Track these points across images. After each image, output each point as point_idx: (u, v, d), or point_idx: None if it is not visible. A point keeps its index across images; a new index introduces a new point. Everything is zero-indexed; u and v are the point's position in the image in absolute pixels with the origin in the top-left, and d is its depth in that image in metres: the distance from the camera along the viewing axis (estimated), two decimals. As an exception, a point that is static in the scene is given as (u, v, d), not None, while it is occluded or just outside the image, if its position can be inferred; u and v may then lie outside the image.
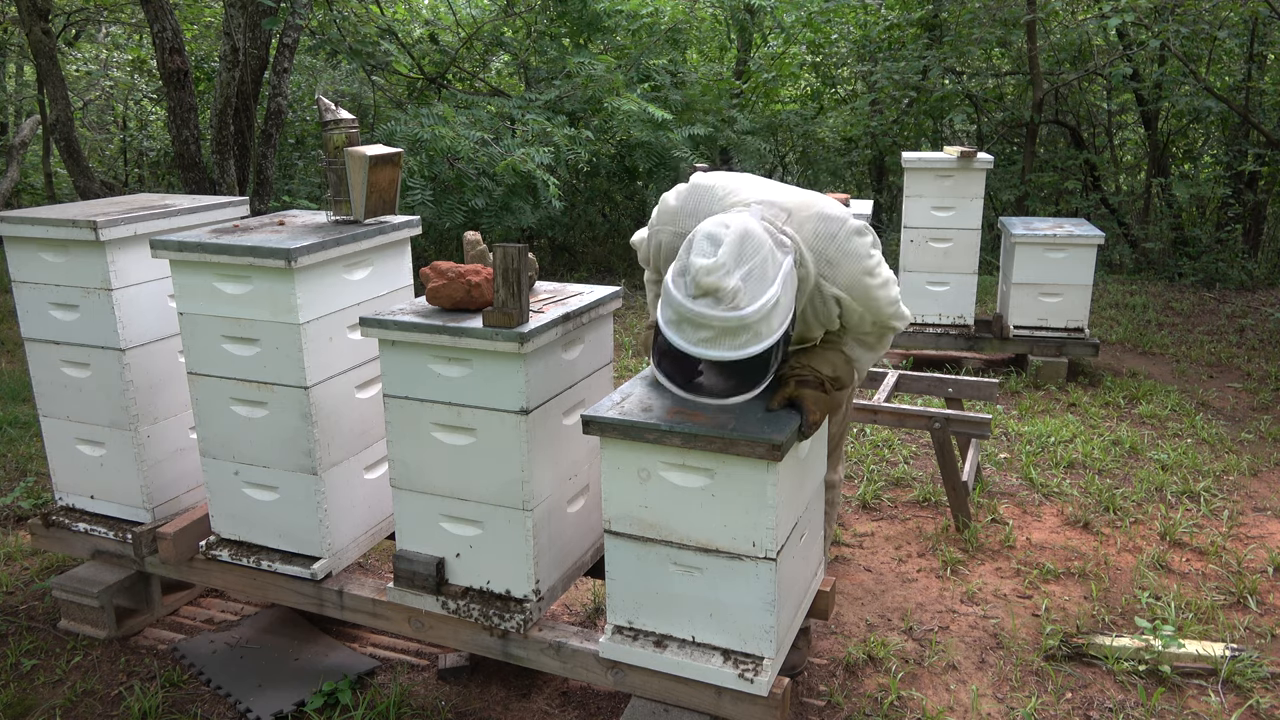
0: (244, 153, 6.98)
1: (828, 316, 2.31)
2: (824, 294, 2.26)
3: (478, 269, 2.49)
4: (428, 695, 2.76)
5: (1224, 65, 9.11)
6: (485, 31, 8.71)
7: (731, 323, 1.96)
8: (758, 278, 1.98)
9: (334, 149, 2.80)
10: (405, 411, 2.47)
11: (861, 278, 2.27)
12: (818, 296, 2.27)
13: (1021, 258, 5.44)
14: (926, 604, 3.22)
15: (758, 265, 1.99)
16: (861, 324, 2.36)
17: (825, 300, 2.28)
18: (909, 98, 9.62)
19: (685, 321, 1.99)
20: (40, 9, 6.80)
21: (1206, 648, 2.86)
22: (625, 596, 2.36)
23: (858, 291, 2.28)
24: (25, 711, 2.74)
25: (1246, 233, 8.76)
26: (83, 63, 10.93)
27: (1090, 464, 4.32)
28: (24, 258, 2.94)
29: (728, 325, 1.96)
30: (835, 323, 2.34)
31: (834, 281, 2.26)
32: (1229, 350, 6.14)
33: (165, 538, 2.91)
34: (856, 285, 2.27)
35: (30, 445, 4.61)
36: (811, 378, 2.28)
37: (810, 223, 2.24)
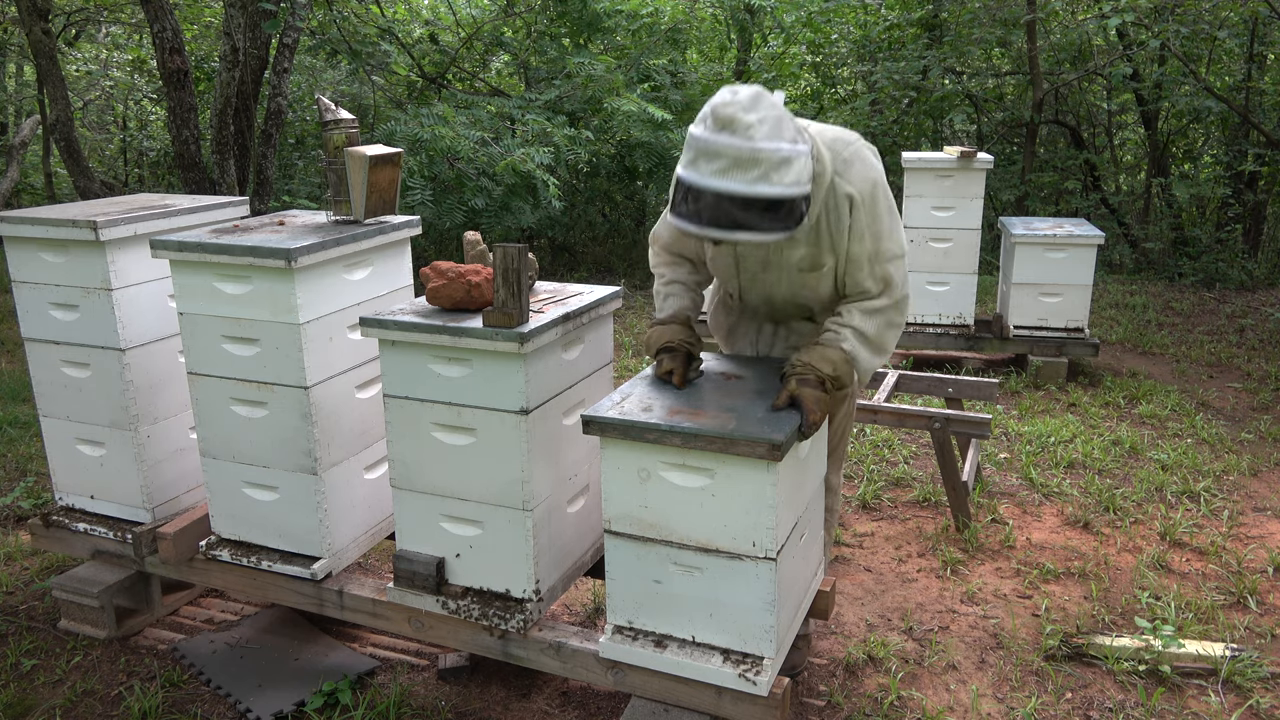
0: (244, 153, 6.98)
1: (838, 227, 2.31)
2: (838, 193, 2.28)
3: (478, 269, 2.49)
4: (428, 695, 2.76)
5: (1224, 65, 9.12)
6: (485, 31, 8.72)
7: (745, 153, 1.98)
8: (773, 124, 2.01)
9: (334, 149, 2.80)
10: (405, 411, 2.47)
11: (874, 187, 2.31)
12: (832, 197, 2.28)
13: (1021, 258, 5.44)
14: (926, 604, 3.22)
15: (774, 117, 2.02)
16: (861, 257, 2.34)
17: (839, 202, 2.28)
18: (909, 98, 9.62)
19: (701, 156, 2.02)
20: (40, 9, 6.80)
21: (1206, 648, 2.86)
22: (625, 596, 2.36)
23: (868, 199, 2.30)
24: (25, 711, 2.74)
25: (1246, 233, 8.76)
26: (83, 63, 10.94)
27: (1090, 464, 4.32)
28: (24, 258, 2.94)
29: (740, 155, 1.98)
30: (844, 240, 2.32)
31: (848, 179, 2.28)
32: (1229, 350, 6.14)
33: (165, 538, 2.91)
34: (868, 191, 2.30)
35: (30, 445, 4.61)
36: (812, 377, 2.29)
37: (829, 132, 2.33)
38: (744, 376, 2.51)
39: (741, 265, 2.47)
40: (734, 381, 2.47)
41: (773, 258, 2.41)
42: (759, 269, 2.46)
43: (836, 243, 2.33)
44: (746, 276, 2.50)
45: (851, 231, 2.32)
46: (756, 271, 2.47)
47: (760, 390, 2.39)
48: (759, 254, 2.41)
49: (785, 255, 2.38)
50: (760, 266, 2.45)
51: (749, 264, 2.46)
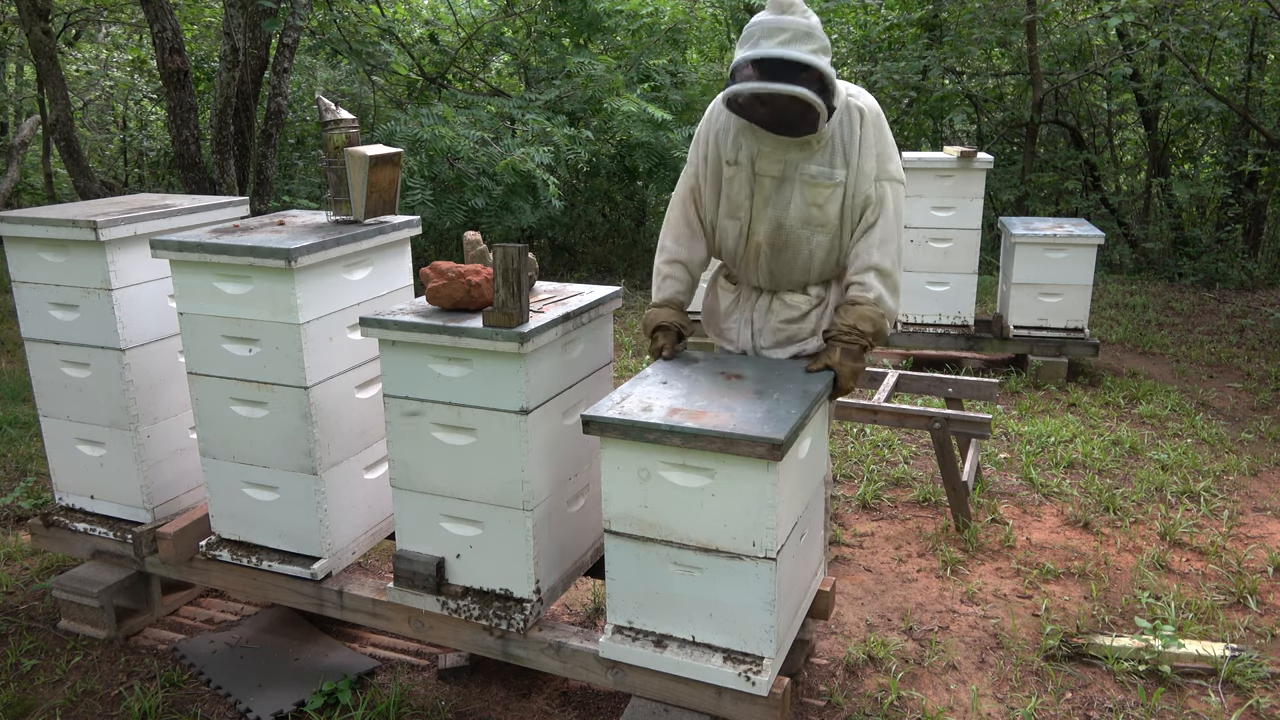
0: (244, 153, 6.98)
1: (850, 138, 2.52)
2: (850, 107, 2.53)
3: (478, 269, 2.49)
4: (428, 695, 2.76)
5: (1224, 65, 9.12)
6: (485, 31, 8.72)
7: (803, 28, 2.35)
8: (818, 24, 2.39)
9: (334, 149, 2.80)
10: (405, 411, 2.47)
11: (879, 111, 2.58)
12: (844, 112, 2.52)
13: (1021, 258, 5.44)
14: (926, 604, 3.22)
15: (817, 21, 2.40)
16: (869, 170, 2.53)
17: (851, 115, 2.52)
18: (909, 98, 9.62)
19: (764, 34, 2.35)
20: (40, 9, 6.80)
21: (1206, 648, 2.86)
22: (625, 596, 2.36)
23: (875, 116, 2.55)
24: (25, 711, 2.74)
25: (1246, 233, 8.76)
26: (83, 63, 10.94)
27: (1090, 464, 4.32)
28: (24, 258, 2.94)
29: (799, 29, 2.35)
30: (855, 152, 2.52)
31: (859, 99, 2.55)
32: (1229, 350, 6.14)
33: (165, 538, 2.91)
34: (875, 110, 2.56)
35: (30, 445, 4.61)
36: (856, 346, 2.53)
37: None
38: (744, 376, 2.51)
39: (757, 186, 2.58)
40: (734, 381, 2.47)
41: (788, 171, 2.54)
42: (773, 189, 2.57)
43: (849, 154, 2.53)
44: (760, 199, 2.59)
45: (861, 144, 2.53)
46: (770, 192, 2.57)
47: (760, 391, 2.39)
48: (776, 169, 2.55)
49: (801, 167, 2.53)
50: (775, 185, 2.56)
51: (764, 184, 2.57)
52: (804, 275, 2.68)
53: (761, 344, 2.76)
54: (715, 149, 2.63)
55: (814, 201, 2.54)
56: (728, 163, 2.60)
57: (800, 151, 2.50)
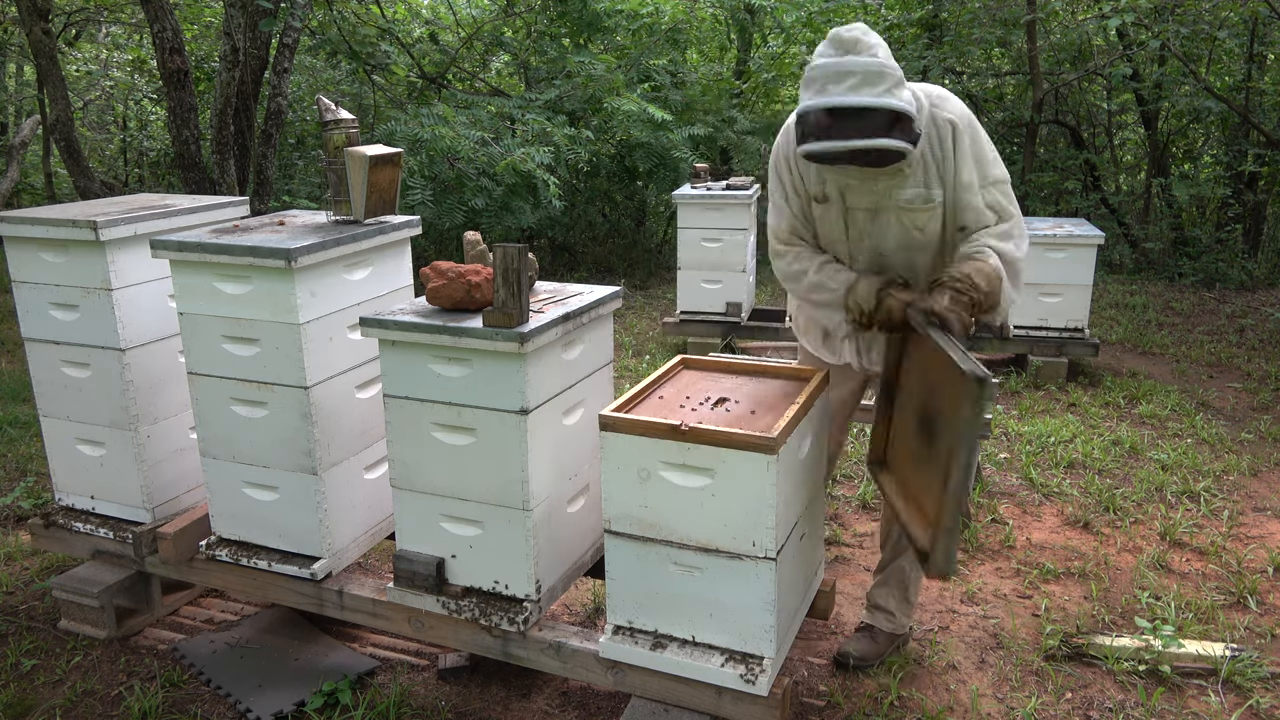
0: (244, 153, 6.98)
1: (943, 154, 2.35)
2: (938, 121, 2.35)
3: (478, 269, 2.49)
4: (428, 695, 2.76)
5: (1224, 65, 9.11)
6: (485, 31, 8.72)
7: (874, 68, 2.15)
8: (886, 51, 2.20)
9: (334, 149, 2.80)
10: (405, 411, 2.47)
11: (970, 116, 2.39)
12: (932, 127, 2.34)
13: (1021, 258, 5.43)
14: (926, 604, 3.22)
15: (884, 50, 2.20)
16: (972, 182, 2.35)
17: (940, 129, 2.35)
18: (909, 98, 9.61)
19: (830, 79, 2.16)
20: (40, 9, 6.80)
21: (1206, 648, 2.86)
22: (625, 596, 2.36)
23: (968, 124, 2.36)
24: (25, 711, 2.74)
25: (1246, 233, 8.76)
26: (83, 63, 10.94)
27: (1090, 464, 4.32)
28: (24, 258, 2.94)
29: (870, 70, 2.14)
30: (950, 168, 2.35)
31: (945, 109, 2.36)
32: (1229, 350, 6.14)
33: (165, 538, 2.91)
34: (966, 118, 2.37)
35: (30, 445, 4.61)
36: (966, 297, 2.27)
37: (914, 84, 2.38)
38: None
39: (850, 220, 2.46)
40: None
41: (882, 201, 2.40)
42: (868, 221, 2.44)
43: (944, 171, 2.36)
44: (855, 232, 2.47)
45: (958, 156, 2.35)
46: (865, 225, 2.45)
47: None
48: (868, 200, 2.41)
49: (894, 195, 2.38)
50: (869, 216, 2.44)
51: (858, 217, 2.44)
52: (915, 274, 2.53)
53: (871, 362, 2.63)
54: (800, 181, 2.49)
55: (914, 225, 2.42)
56: (816, 199, 2.47)
57: (891, 179, 2.34)
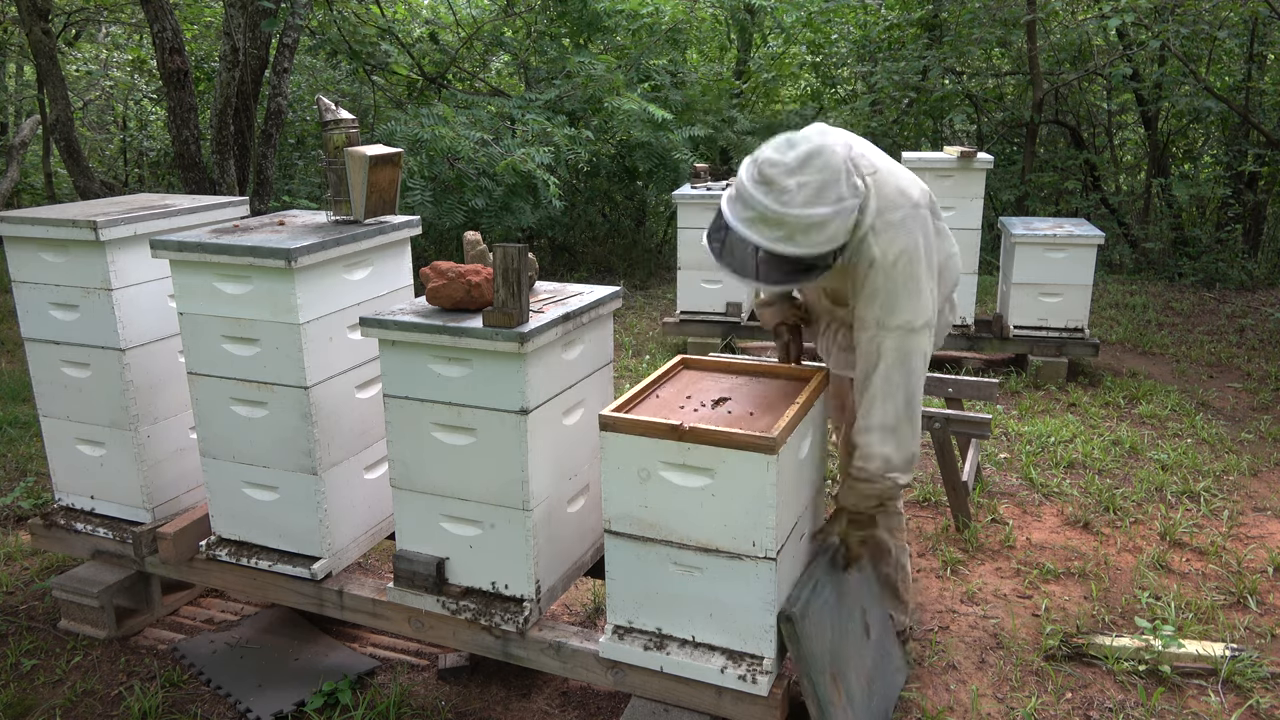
0: (244, 153, 6.98)
1: (857, 278, 2.33)
2: (865, 247, 2.28)
3: (478, 269, 2.49)
4: (428, 695, 2.76)
5: (1224, 65, 9.11)
6: (485, 31, 8.72)
7: (772, 214, 2.12)
8: (814, 190, 2.11)
9: (334, 149, 2.80)
10: (405, 411, 2.47)
11: (899, 254, 2.28)
12: (860, 248, 2.28)
13: (1021, 258, 5.44)
14: (926, 604, 3.22)
15: (818, 182, 2.12)
16: (868, 317, 2.31)
17: (862, 257, 2.29)
18: (909, 98, 9.62)
19: (738, 199, 2.17)
20: (40, 9, 6.80)
21: (1206, 648, 2.86)
22: (625, 596, 2.36)
23: (887, 265, 2.27)
24: (25, 711, 2.74)
25: (1246, 233, 8.76)
26: (83, 63, 10.94)
27: (1090, 464, 4.32)
28: (24, 258, 2.94)
29: (768, 215, 2.12)
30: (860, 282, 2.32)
31: (878, 240, 2.27)
32: (1229, 350, 6.14)
33: (165, 538, 2.91)
34: (891, 258, 2.27)
35: (30, 445, 4.61)
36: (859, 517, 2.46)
37: (898, 182, 2.33)
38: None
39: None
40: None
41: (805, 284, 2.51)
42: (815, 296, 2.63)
43: (856, 290, 2.35)
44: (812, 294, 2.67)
45: (865, 287, 2.31)
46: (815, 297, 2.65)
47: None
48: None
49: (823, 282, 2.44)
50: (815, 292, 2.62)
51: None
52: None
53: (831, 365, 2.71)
54: None
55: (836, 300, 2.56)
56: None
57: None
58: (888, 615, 2.77)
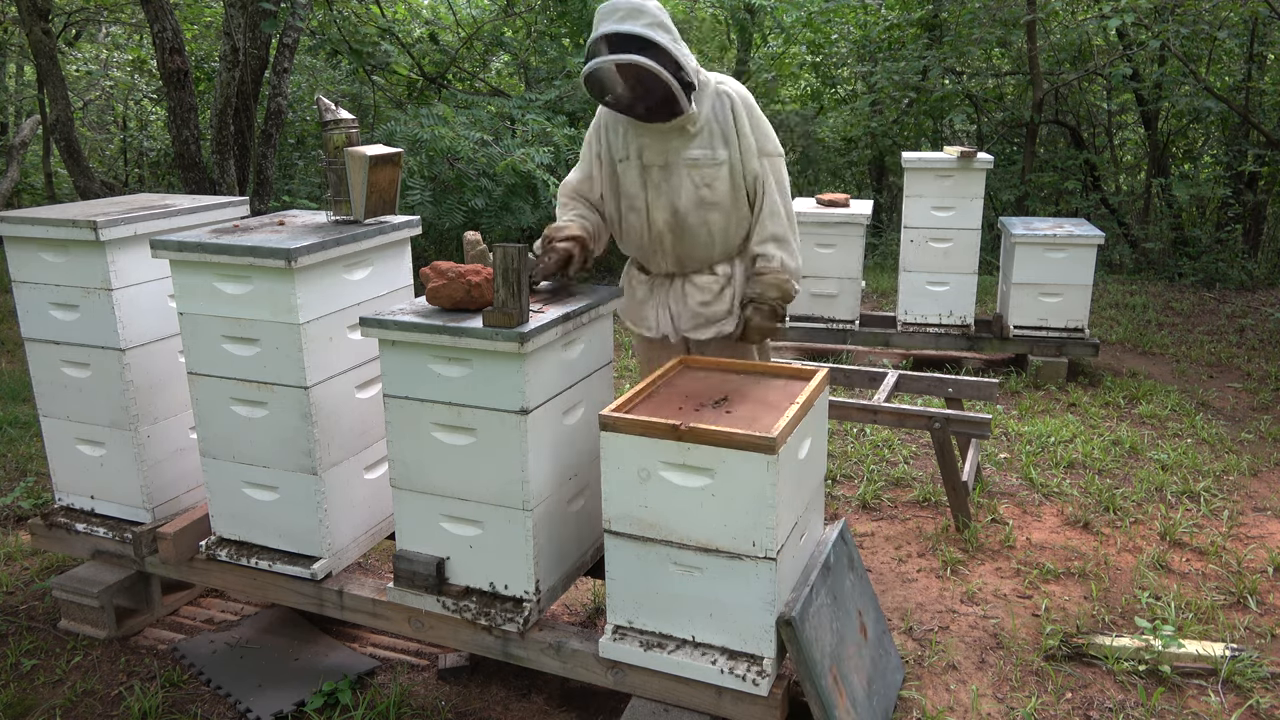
0: (244, 153, 6.98)
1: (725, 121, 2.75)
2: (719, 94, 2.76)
3: (478, 269, 2.50)
4: (428, 695, 2.76)
5: (1224, 65, 9.12)
6: (485, 31, 8.72)
7: (635, 6, 2.59)
8: (655, 8, 2.62)
9: (334, 149, 2.80)
10: (405, 411, 2.47)
11: (747, 95, 2.81)
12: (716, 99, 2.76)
13: (1021, 258, 5.44)
14: (926, 604, 3.22)
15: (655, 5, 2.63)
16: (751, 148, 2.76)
17: (721, 101, 2.76)
18: (909, 98, 9.62)
19: (604, 16, 2.60)
20: (40, 9, 6.80)
21: (1206, 648, 2.86)
22: (625, 596, 2.36)
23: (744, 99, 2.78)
24: (25, 711, 2.74)
25: (1246, 233, 8.76)
26: (83, 63, 10.94)
27: (1090, 464, 4.32)
28: (24, 258, 2.94)
29: (631, 7, 2.58)
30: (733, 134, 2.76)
31: (727, 85, 2.79)
32: (1229, 350, 6.14)
33: (165, 538, 2.91)
34: (743, 94, 2.78)
35: (30, 445, 4.61)
36: (766, 306, 2.81)
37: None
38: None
39: (647, 176, 2.82)
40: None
41: (672, 158, 2.77)
42: (662, 178, 2.80)
43: (727, 134, 2.75)
44: (652, 189, 2.82)
45: (737, 122, 2.75)
46: (660, 181, 2.80)
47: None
48: (660, 158, 2.78)
49: (682, 154, 2.75)
50: (663, 174, 2.79)
51: (653, 174, 2.80)
52: (707, 254, 2.89)
53: (682, 327, 2.96)
54: (608, 148, 2.89)
55: (703, 183, 2.77)
56: (619, 160, 2.85)
57: (680, 138, 2.73)
58: (884, 616, 2.78)
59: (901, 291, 5.80)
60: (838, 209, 5.68)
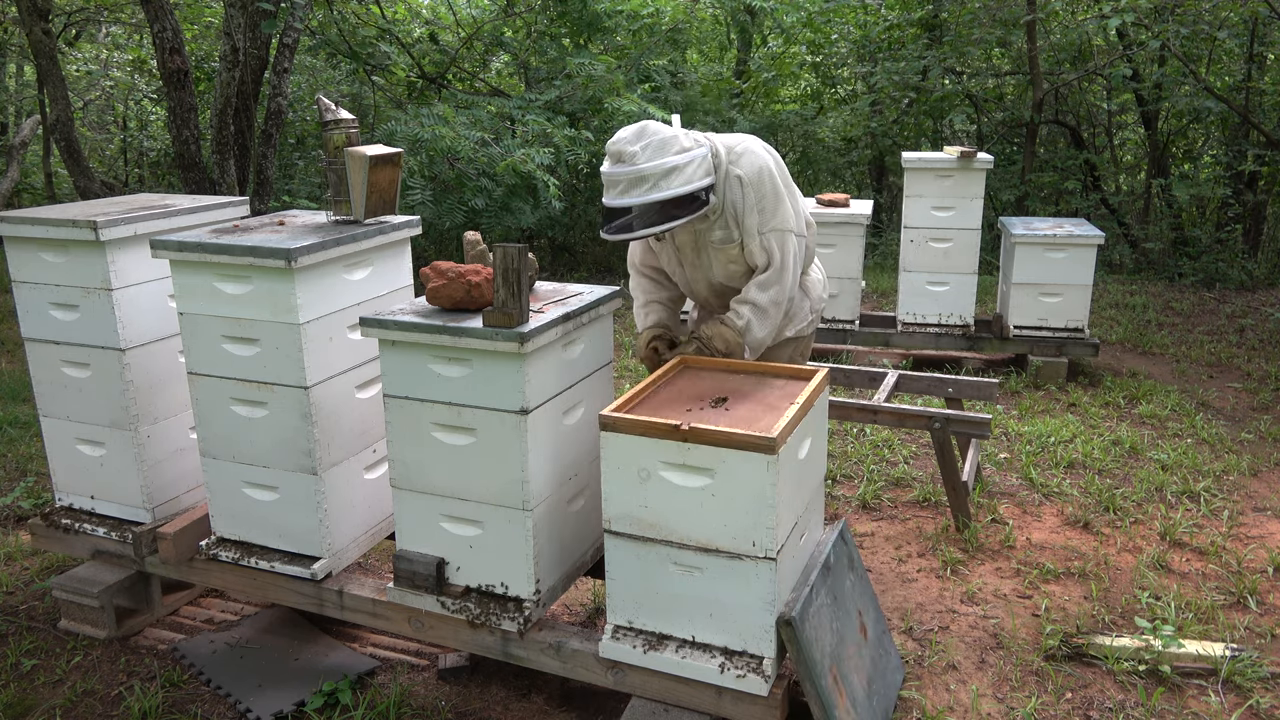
0: (244, 153, 6.98)
1: (735, 205, 2.76)
2: (730, 177, 2.75)
3: (478, 269, 2.50)
4: (428, 695, 2.76)
5: (1224, 65, 9.11)
6: (485, 31, 8.72)
7: (633, 175, 2.57)
8: (656, 148, 2.58)
9: (334, 149, 2.80)
10: (405, 411, 2.47)
11: (759, 171, 2.76)
12: (728, 181, 2.75)
13: (1021, 258, 5.44)
14: (926, 604, 3.22)
15: (656, 142, 2.59)
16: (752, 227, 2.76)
17: (732, 183, 2.75)
18: (909, 98, 9.62)
19: (608, 185, 2.62)
20: (40, 9, 6.80)
21: (1206, 648, 2.86)
22: (625, 596, 2.36)
23: (754, 179, 2.74)
24: (25, 711, 2.74)
25: (1246, 233, 8.76)
26: (83, 63, 10.94)
27: (1090, 464, 4.32)
28: (24, 258, 2.94)
29: (630, 178, 2.57)
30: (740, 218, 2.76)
31: (739, 166, 2.76)
32: (1229, 350, 6.14)
33: (165, 538, 2.91)
34: (754, 174, 2.75)
35: (30, 445, 4.61)
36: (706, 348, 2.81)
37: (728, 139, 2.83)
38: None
39: (682, 255, 2.90)
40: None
41: (699, 241, 2.83)
42: (694, 255, 2.88)
43: (739, 217, 2.78)
44: (688, 264, 2.92)
45: (744, 205, 2.76)
46: (693, 259, 2.89)
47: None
48: (690, 240, 2.84)
49: (706, 236, 2.81)
50: (694, 253, 2.87)
51: (687, 253, 2.88)
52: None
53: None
54: None
55: (729, 260, 2.83)
56: (657, 238, 2.90)
57: (703, 223, 2.78)
58: (884, 616, 2.78)
59: (901, 291, 5.80)
60: (838, 209, 5.68)
